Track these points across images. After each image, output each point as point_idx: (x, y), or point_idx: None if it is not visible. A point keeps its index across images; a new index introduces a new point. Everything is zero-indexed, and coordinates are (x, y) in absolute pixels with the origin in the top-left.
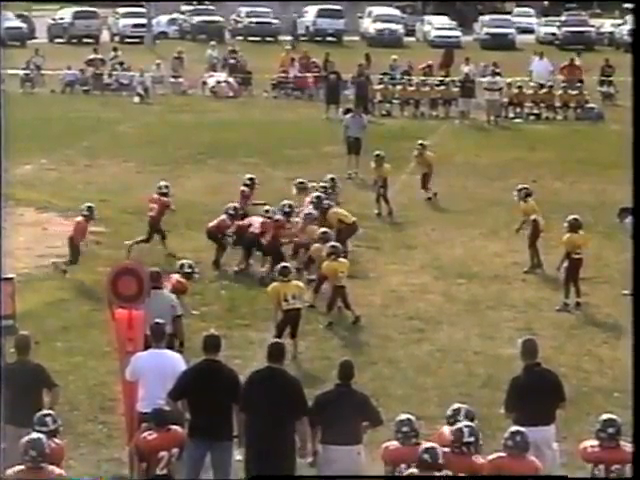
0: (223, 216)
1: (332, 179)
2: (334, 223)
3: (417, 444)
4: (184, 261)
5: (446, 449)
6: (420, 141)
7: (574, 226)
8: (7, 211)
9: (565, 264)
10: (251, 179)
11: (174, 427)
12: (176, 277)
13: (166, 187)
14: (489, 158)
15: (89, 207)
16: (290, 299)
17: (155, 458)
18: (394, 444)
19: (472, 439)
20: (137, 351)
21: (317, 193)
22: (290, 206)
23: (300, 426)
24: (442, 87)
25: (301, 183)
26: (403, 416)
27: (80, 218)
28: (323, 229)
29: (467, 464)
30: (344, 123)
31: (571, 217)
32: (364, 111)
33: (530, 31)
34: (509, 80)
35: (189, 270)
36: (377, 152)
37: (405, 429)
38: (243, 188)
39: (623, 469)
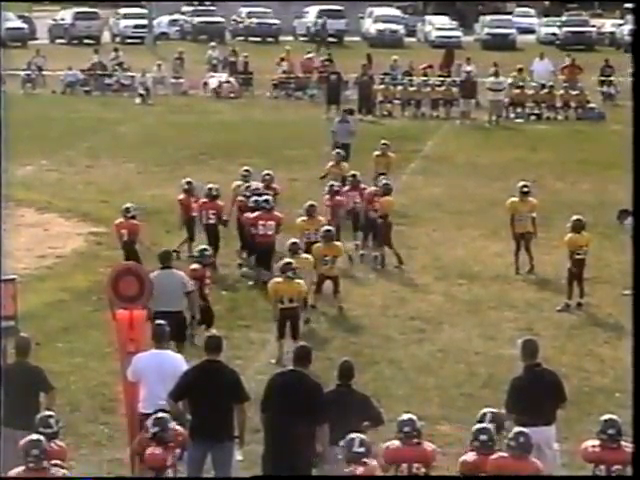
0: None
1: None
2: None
3: (418, 444)
4: (201, 247)
5: (505, 454)
6: (383, 140)
7: (577, 226)
8: (8, 212)
9: (568, 265)
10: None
11: (177, 428)
12: (192, 266)
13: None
14: (490, 158)
15: (128, 208)
16: (286, 302)
17: (163, 471)
18: (395, 443)
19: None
20: (138, 351)
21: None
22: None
23: (320, 432)
24: (443, 87)
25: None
26: (405, 416)
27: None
28: (327, 227)
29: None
30: (331, 128)
31: (575, 217)
32: (368, 112)
33: (531, 31)
34: (510, 80)
35: (208, 253)
36: (337, 150)
37: (407, 429)
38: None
39: (624, 469)
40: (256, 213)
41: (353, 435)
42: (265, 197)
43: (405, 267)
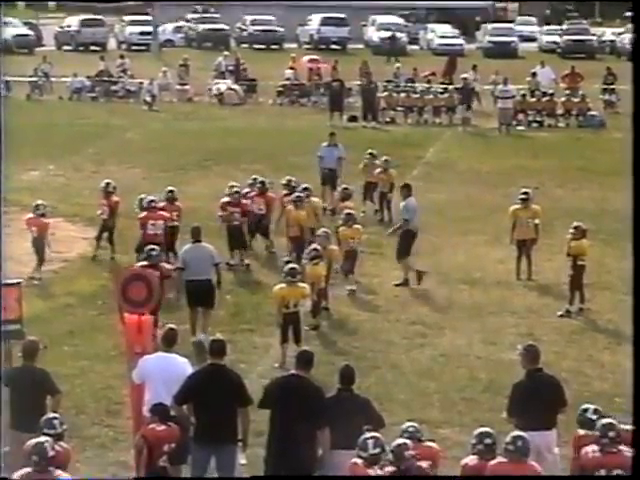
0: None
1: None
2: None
3: (420, 441)
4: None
5: (503, 459)
6: (369, 150)
7: (580, 233)
8: (14, 216)
9: (570, 271)
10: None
11: (173, 423)
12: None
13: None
14: (492, 165)
15: (38, 206)
16: (291, 307)
17: (160, 450)
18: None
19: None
20: (145, 353)
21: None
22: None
23: (321, 436)
24: (445, 95)
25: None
26: (408, 424)
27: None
28: (349, 211)
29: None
30: (318, 153)
31: (576, 224)
32: (373, 118)
33: (532, 39)
34: (514, 87)
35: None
36: (386, 159)
37: (411, 429)
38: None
39: (624, 473)
40: (144, 213)
41: (366, 436)
42: (151, 197)
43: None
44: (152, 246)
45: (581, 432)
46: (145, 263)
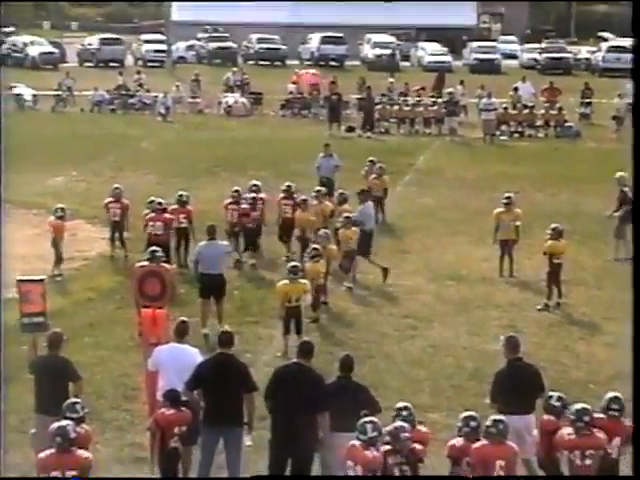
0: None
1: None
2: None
3: (414, 426)
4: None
5: (485, 442)
6: (370, 158)
7: (556, 234)
8: (40, 219)
9: (547, 268)
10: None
11: (184, 408)
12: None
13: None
14: (477, 172)
15: (56, 209)
16: (294, 301)
17: (170, 432)
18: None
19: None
20: (160, 344)
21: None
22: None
23: (321, 420)
24: (435, 107)
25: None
26: (401, 404)
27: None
28: (347, 214)
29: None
30: (316, 164)
31: (553, 226)
32: (370, 129)
33: (514, 57)
34: (497, 101)
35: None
36: (380, 165)
37: (405, 413)
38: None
39: (597, 453)
40: (151, 214)
41: (365, 420)
42: (159, 200)
43: (399, 270)
44: (155, 247)
45: (545, 417)
46: (146, 263)
